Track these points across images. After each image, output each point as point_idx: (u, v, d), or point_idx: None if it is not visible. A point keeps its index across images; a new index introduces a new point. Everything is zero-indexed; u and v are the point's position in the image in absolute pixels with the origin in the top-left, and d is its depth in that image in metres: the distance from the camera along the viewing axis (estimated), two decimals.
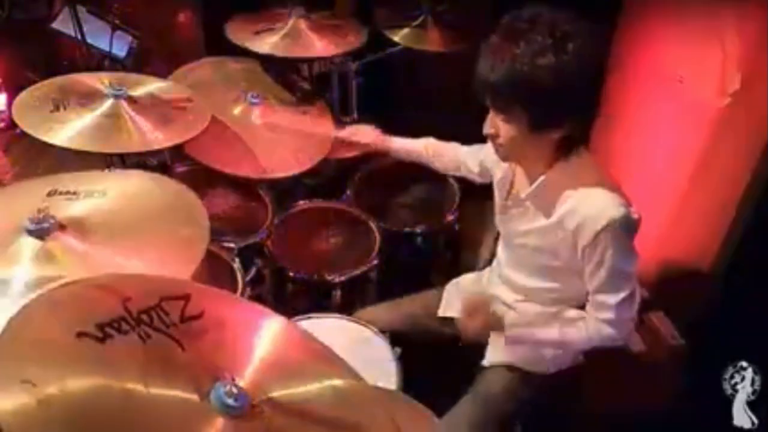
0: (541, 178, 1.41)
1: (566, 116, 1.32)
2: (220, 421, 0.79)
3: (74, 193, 1.28)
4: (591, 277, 1.42)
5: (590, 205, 1.35)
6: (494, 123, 1.37)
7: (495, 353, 1.64)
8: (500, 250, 1.69)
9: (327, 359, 1.03)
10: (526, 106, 1.29)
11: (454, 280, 1.85)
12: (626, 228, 1.34)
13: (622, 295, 1.41)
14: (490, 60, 1.28)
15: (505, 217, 1.57)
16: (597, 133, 2.44)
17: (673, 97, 2.06)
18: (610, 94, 2.36)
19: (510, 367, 1.61)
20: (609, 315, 1.43)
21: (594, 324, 1.46)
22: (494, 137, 1.39)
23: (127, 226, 1.24)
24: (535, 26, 1.25)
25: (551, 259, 1.47)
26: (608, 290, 1.41)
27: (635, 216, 1.35)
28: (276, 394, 0.88)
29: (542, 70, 1.23)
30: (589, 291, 1.46)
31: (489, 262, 1.77)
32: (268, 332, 1.00)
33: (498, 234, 1.70)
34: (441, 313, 1.78)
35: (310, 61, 2.48)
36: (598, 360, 1.65)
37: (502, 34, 1.28)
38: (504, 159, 1.48)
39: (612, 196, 1.34)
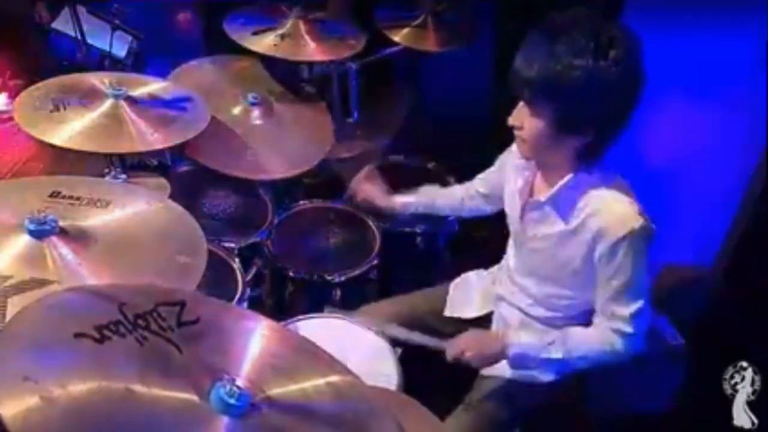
0: (562, 182, 1.40)
1: (592, 123, 1.30)
2: (222, 421, 0.79)
3: (77, 199, 1.27)
4: (605, 286, 1.40)
5: (612, 213, 1.34)
6: (521, 115, 1.37)
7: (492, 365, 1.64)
8: (510, 254, 1.68)
9: (321, 358, 1.04)
10: (553, 105, 1.29)
11: (459, 278, 1.84)
12: (646, 239, 1.34)
13: (636, 306, 1.38)
14: (528, 52, 1.28)
15: (522, 223, 1.55)
16: None
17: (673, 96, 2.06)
18: None
19: (508, 378, 1.60)
20: (622, 326, 1.40)
21: (604, 335, 1.42)
22: (518, 129, 1.39)
23: (125, 244, 1.22)
24: (580, 26, 1.24)
25: (565, 265, 1.46)
26: (623, 300, 1.39)
27: (653, 227, 1.35)
28: (274, 392, 0.88)
29: (577, 71, 1.22)
30: (599, 302, 1.44)
31: (494, 261, 1.77)
32: (261, 335, 1.00)
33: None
34: (448, 313, 1.77)
35: (308, 63, 2.48)
36: None
37: (545, 29, 1.28)
38: (524, 155, 1.47)
39: (633, 206, 1.34)
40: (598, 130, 1.32)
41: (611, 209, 1.35)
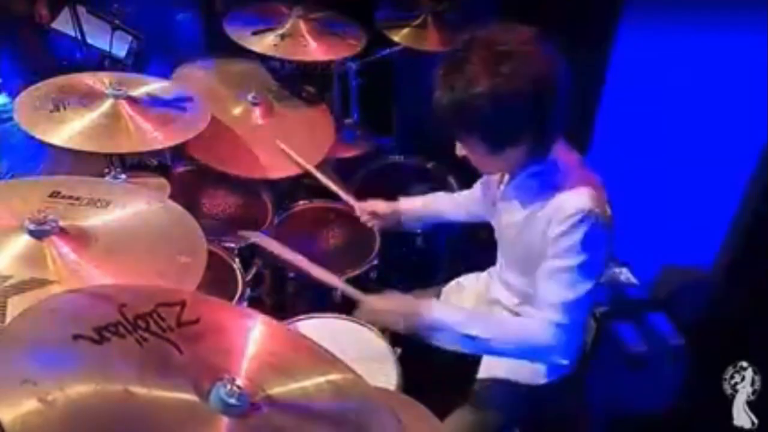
0: (522, 174, 1.42)
1: (522, 132, 1.31)
2: (222, 421, 0.79)
3: (77, 199, 1.27)
4: (544, 266, 1.36)
5: (560, 198, 1.34)
6: (460, 148, 1.40)
7: (489, 367, 1.63)
8: (499, 252, 1.68)
9: (321, 357, 1.04)
10: (474, 133, 1.31)
11: (455, 280, 1.85)
12: (599, 226, 1.32)
13: (571, 295, 1.32)
14: (436, 91, 1.30)
15: (494, 212, 1.57)
16: (598, 133, 2.44)
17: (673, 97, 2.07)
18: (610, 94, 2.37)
19: (505, 380, 1.59)
20: (552, 314, 1.33)
21: (532, 323, 1.36)
22: (466, 159, 1.41)
23: (125, 244, 1.22)
24: (470, 52, 1.25)
25: (529, 252, 1.44)
26: (558, 285, 1.34)
27: (606, 213, 1.34)
28: (274, 391, 0.89)
29: (478, 98, 1.23)
30: (537, 286, 1.39)
31: (493, 262, 1.77)
32: (261, 334, 1.00)
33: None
34: None
35: (308, 63, 2.48)
36: (598, 360, 1.64)
37: (443, 66, 1.30)
38: (484, 174, 1.54)
39: (582, 190, 1.33)
40: (531, 135, 1.32)
41: (561, 194, 1.35)
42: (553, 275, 1.35)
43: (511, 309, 1.62)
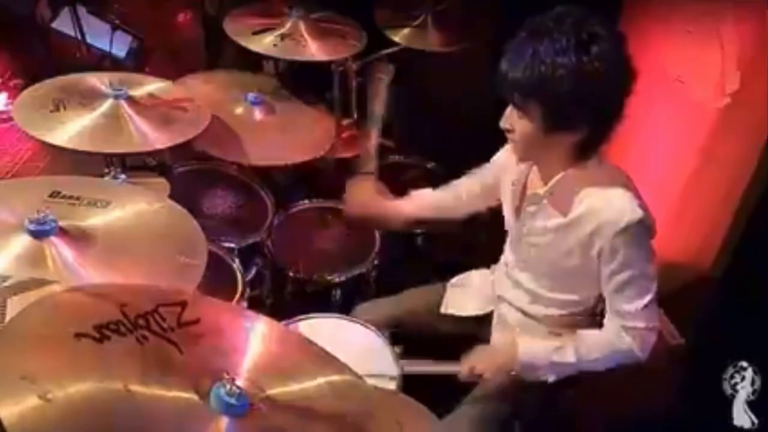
0: (558, 175, 1.41)
1: (583, 119, 1.30)
2: (222, 421, 0.79)
3: (77, 199, 1.28)
4: (609, 282, 1.39)
5: (608, 207, 1.34)
6: (511, 118, 1.37)
7: None
8: (508, 252, 1.67)
9: (322, 358, 1.04)
10: (541, 105, 1.29)
11: (457, 278, 1.84)
12: (645, 230, 1.34)
13: (643, 300, 1.38)
14: (513, 55, 1.28)
15: (520, 217, 1.55)
16: None
17: (673, 97, 2.07)
18: None
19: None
20: (632, 322, 1.39)
21: (616, 335, 1.41)
22: (510, 132, 1.39)
23: (125, 244, 1.23)
24: (561, 25, 1.24)
25: (564, 259, 1.45)
26: (629, 296, 1.38)
27: (652, 218, 1.35)
28: (274, 392, 0.89)
29: (561, 69, 1.23)
30: (607, 300, 1.43)
31: (494, 261, 1.77)
32: (262, 335, 1.01)
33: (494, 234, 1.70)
34: (443, 310, 1.77)
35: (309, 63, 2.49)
36: None
37: (527, 31, 1.28)
38: (519, 157, 1.48)
39: (630, 198, 1.34)
40: (588, 126, 1.32)
41: (608, 203, 1.35)
42: (623, 288, 1.38)
43: (520, 308, 1.61)
